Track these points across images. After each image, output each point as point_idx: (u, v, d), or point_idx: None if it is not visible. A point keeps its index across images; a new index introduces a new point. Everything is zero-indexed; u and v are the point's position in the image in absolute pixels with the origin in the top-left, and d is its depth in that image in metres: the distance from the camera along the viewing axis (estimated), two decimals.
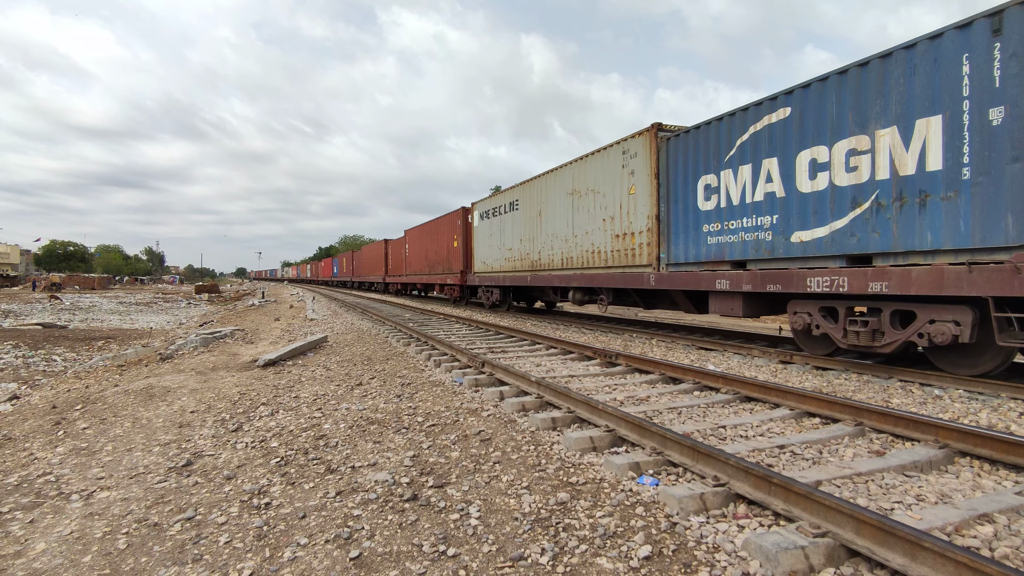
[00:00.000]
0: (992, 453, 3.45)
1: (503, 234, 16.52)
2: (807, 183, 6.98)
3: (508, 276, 16.06)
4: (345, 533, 2.74)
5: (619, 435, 3.94)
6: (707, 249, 8.65)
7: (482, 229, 18.36)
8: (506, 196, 16.45)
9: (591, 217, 11.66)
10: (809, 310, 7.14)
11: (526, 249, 14.90)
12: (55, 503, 3.24)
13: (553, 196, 13.33)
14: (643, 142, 10.03)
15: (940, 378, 5.82)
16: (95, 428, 4.83)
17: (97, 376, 8.22)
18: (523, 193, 15.16)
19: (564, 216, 12.81)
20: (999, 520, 2.63)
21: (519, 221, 15.38)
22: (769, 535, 2.42)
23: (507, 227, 16.21)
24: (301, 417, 4.92)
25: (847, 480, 3.18)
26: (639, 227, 10.12)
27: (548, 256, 13.59)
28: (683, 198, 9.14)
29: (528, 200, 14.82)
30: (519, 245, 15.33)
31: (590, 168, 11.78)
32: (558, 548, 2.54)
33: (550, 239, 13.50)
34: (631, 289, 10.91)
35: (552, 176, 13.49)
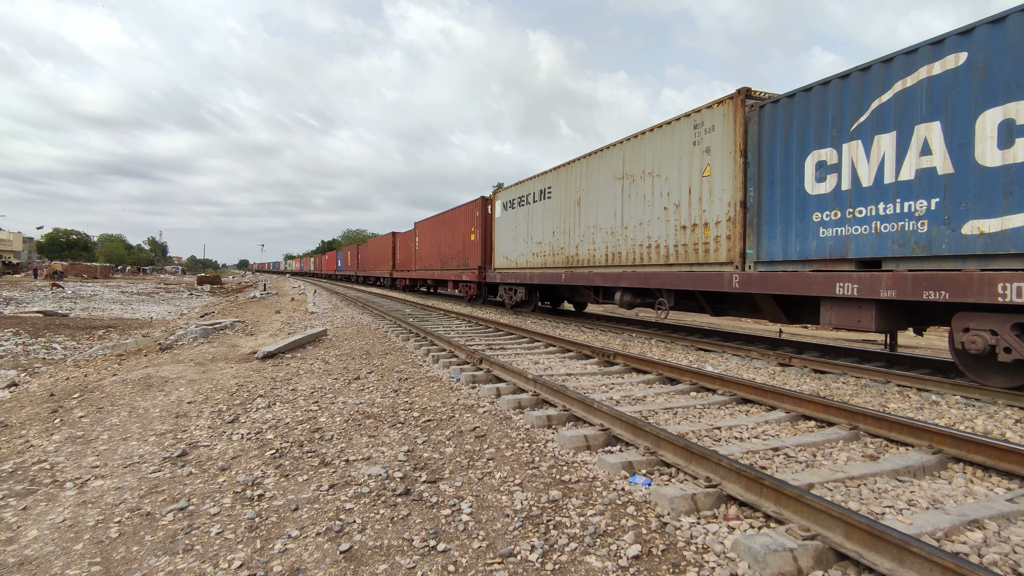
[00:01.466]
0: (985, 459, 3.44)
1: (531, 226, 14.78)
2: (994, 154, 5.26)
3: (537, 273, 14.25)
4: (336, 526, 2.74)
5: (613, 434, 3.94)
6: (819, 244, 6.92)
7: (505, 221, 16.62)
8: (536, 183, 14.66)
9: (647, 205, 9.98)
10: (993, 327, 5.37)
11: (560, 243, 13.19)
12: (49, 491, 3.25)
13: (596, 182, 11.64)
14: (724, 113, 8.33)
15: (938, 384, 5.81)
16: (92, 417, 4.84)
17: (96, 365, 8.25)
18: (557, 179, 13.43)
19: (610, 204, 11.09)
20: (989, 527, 2.63)
21: (551, 211, 13.64)
22: (758, 537, 2.42)
23: (536, 218, 14.48)
24: (298, 410, 4.93)
25: (839, 483, 3.18)
26: (715, 216, 8.43)
27: (588, 251, 11.92)
28: (782, 180, 7.41)
29: (563, 187, 13.11)
30: (551, 239, 13.59)
31: (648, 147, 10.01)
32: (548, 546, 2.55)
33: (591, 232, 11.82)
34: (700, 292, 9.20)
35: (596, 159, 11.71)
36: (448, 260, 21.72)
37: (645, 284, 10.00)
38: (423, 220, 26.15)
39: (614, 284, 10.93)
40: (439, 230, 23.21)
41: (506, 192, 16.81)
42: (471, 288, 19.99)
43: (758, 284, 7.69)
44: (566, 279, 12.71)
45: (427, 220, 25.50)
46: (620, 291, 11.16)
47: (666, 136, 9.65)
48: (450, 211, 21.94)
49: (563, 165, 13.19)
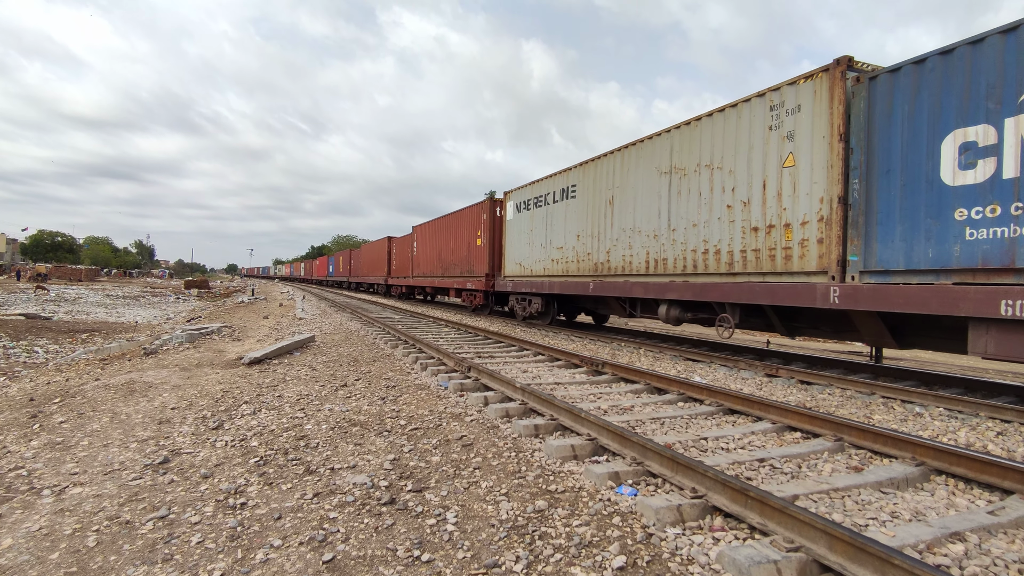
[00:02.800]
0: (967, 472, 3.48)
1: (550, 229, 13.33)
2: None
3: (557, 282, 12.81)
4: (320, 535, 2.71)
5: (600, 444, 3.94)
6: (965, 249, 5.46)
7: (518, 223, 15.13)
8: (556, 181, 13.20)
9: (703, 204, 8.61)
10: None
11: (586, 248, 11.77)
12: (25, 498, 3.18)
13: (634, 178, 10.25)
14: (815, 89, 6.95)
15: (922, 396, 5.87)
16: (72, 422, 4.76)
17: (78, 369, 8.12)
18: (583, 176, 12.01)
19: (652, 203, 9.74)
20: (970, 539, 2.65)
21: (576, 212, 12.23)
22: (743, 548, 2.43)
23: (557, 220, 13.05)
24: (283, 417, 4.88)
25: (824, 495, 3.19)
26: (801, 215, 7.03)
27: (623, 257, 10.50)
28: (905, 168, 6.01)
29: (591, 185, 11.69)
30: (575, 243, 12.18)
31: (705, 135, 8.65)
32: (533, 556, 2.53)
33: (627, 235, 10.40)
34: (776, 307, 7.80)
35: (633, 152, 10.35)
36: (450, 267, 20.42)
37: (700, 296, 8.51)
38: (422, 224, 24.92)
39: (658, 296, 9.46)
40: (440, 234, 21.83)
41: (520, 192, 15.24)
42: (476, 297, 18.36)
43: (868, 299, 6.20)
44: (594, 289, 11.25)
45: (427, 224, 24.22)
46: (666, 304, 9.60)
47: (729, 122, 8.19)
48: (453, 214, 20.55)
49: (591, 160, 11.75)
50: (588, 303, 13.56)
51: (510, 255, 15.64)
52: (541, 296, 14.16)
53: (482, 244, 17.30)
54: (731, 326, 8.36)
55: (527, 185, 14.80)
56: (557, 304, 14.18)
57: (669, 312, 9.62)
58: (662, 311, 9.73)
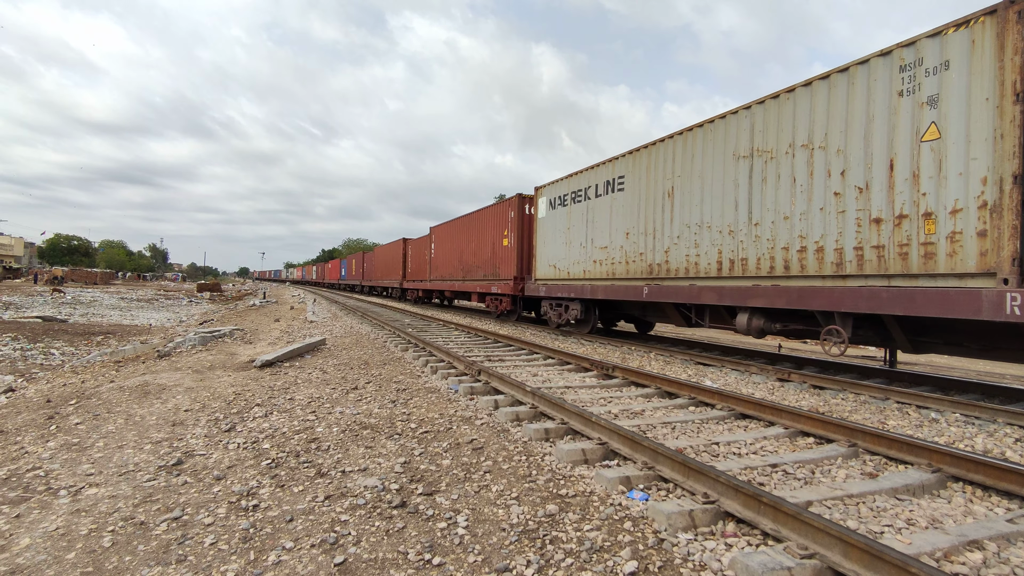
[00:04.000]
0: (985, 479, 3.42)
1: (591, 226, 12.10)
2: None
3: (601, 286, 11.54)
4: (331, 538, 2.72)
5: (611, 448, 3.92)
6: None
7: (552, 221, 13.88)
8: (599, 173, 11.94)
9: (798, 192, 7.27)
10: None
11: (637, 247, 10.52)
12: (42, 498, 3.23)
13: (701, 164, 8.97)
14: (972, 39, 5.60)
15: (937, 401, 5.79)
16: (88, 424, 4.83)
17: (94, 371, 8.23)
18: (634, 166, 10.74)
19: (727, 194, 8.41)
20: (989, 547, 2.61)
21: (623, 207, 10.99)
22: (756, 555, 2.41)
23: (600, 216, 11.80)
24: (295, 419, 4.91)
25: (838, 501, 3.16)
26: (952, 202, 5.65)
27: (686, 258, 9.20)
28: None
29: (643, 175, 10.45)
30: (624, 242, 10.92)
31: (803, 108, 7.29)
32: (544, 561, 2.53)
33: (691, 231, 9.14)
34: (902, 317, 6.49)
35: (699, 135, 9.07)
36: (472, 269, 19.25)
37: (798, 304, 7.10)
38: (441, 224, 23.75)
39: (737, 302, 8.06)
40: (462, 235, 20.65)
41: (554, 186, 13.94)
42: (502, 302, 17.04)
43: None
44: (649, 294, 9.90)
45: (447, 224, 22.93)
46: (747, 313, 8.16)
47: (837, 91, 6.85)
48: (476, 212, 19.40)
49: (643, 147, 10.55)
50: (636, 309, 12.08)
51: (543, 256, 14.35)
52: (580, 301, 12.74)
53: (509, 245, 16.17)
54: (843, 341, 6.73)
55: (563, 179, 13.46)
56: (598, 310, 12.78)
57: (751, 322, 8.12)
58: (742, 321, 8.22)
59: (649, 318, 12.03)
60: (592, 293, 11.86)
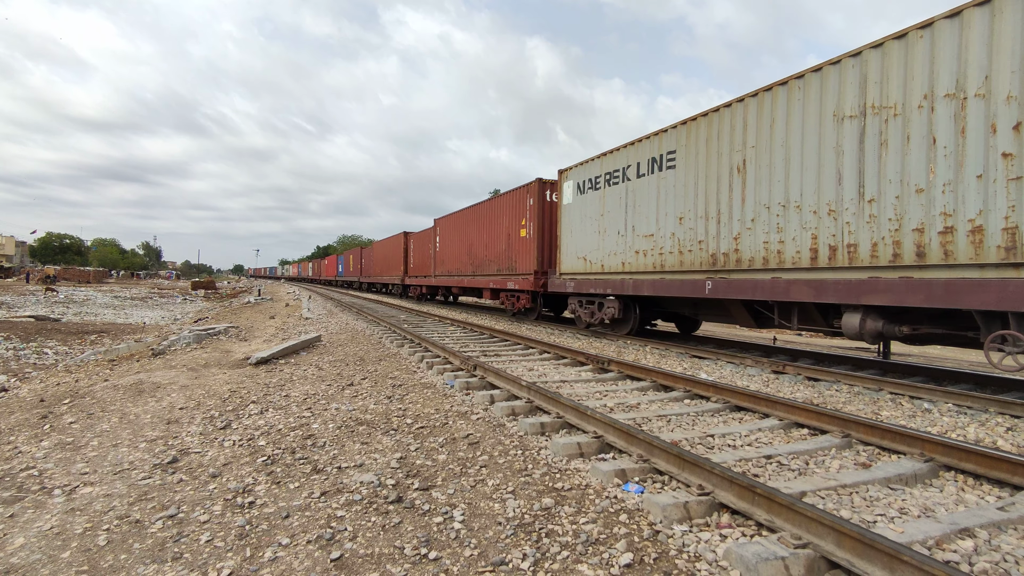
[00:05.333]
0: (976, 468, 3.46)
1: (633, 211, 10.62)
2: None
3: (647, 280, 10.06)
4: (328, 534, 2.73)
5: (607, 441, 3.94)
6: None
7: (581, 208, 12.41)
8: (640, 149, 10.43)
9: (939, 156, 5.76)
10: None
11: (695, 234, 9.04)
12: (37, 497, 3.22)
13: (784, 131, 7.49)
14: None
15: (930, 392, 5.83)
16: (82, 423, 4.80)
17: (87, 370, 8.19)
18: (688, 138, 9.22)
19: (824, 164, 6.93)
20: (980, 535, 2.63)
21: (675, 187, 9.51)
22: (751, 545, 2.42)
23: (643, 199, 10.35)
24: (290, 416, 4.90)
25: (832, 492, 3.18)
26: None
27: (764, 245, 7.74)
28: None
29: (701, 148, 8.92)
30: (677, 228, 9.46)
31: (946, 47, 5.74)
32: (540, 554, 2.54)
33: (771, 212, 7.65)
34: None
35: (780, 94, 7.56)
36: (484, 263, 17.82)
37: (947, 302, 5.66)
38: (447, 216, 22.15)
39: (844, 300, 6.57)
40: (471, 227, 19.14)
41: (582, 168, 12.40)
42: (520, 299, 15.52)
43: None
44: (714, 290, 8.44)
45: (454, 215, 21.35)
46: (859, 313, 6.66)
47: (1002, 18, 5.30)
48: (488, 201, 17.93)
49: (699, 116, 9.01)
50: (687, 307, 10.63)
51: (570, 248, 12.87)
52: (619, 298, 11.26)
53: (528, 236, 14.74)
54: (1017, 350, 5.35)
55: (594, 158, 11.96)
56: (639, 308, 11.29)
57: (865, 324, 6.60)
58: (851, 323, 6.73)
59: (704, 317, 10.57)
60: (635, 289, 10.40)
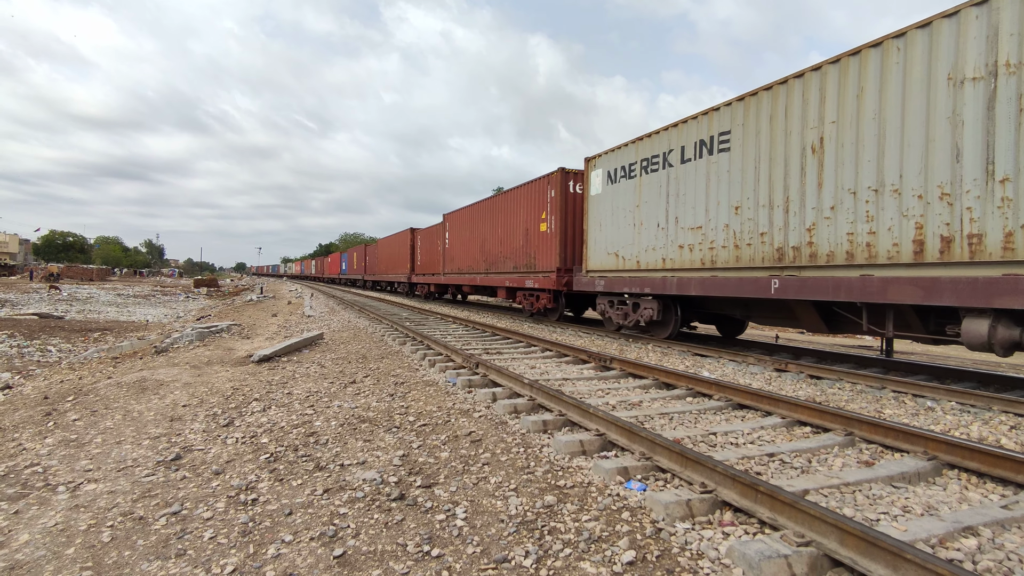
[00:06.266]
0: (980, 466, 3.45)
1: (676, 201, 9.51)
2: None
3: (694, 279, 8.98)
4: (330, 531, 2.73)
5: (609, 439, 3.94)
6: None
7: (611, 198, 11.38)
8: (683, 132, 9.33)
9: None
10: None
11: (756, 225, 7.94)
12: (41, 494, 3.23)
13: (876, 100, 6.34)
14: None
15: (933, 390, 5.82)
16: (86, 420, 4.82)
17: (91, 368, 8.21)
18: (744, 117, 8.15)
19: (934, 138, 5.85)
20: (984, 533, 2.63)
21: (729, 172, 8.41)
22: (753, 543, 2.42)
23: (688, 187, 9.23)
24: (293, 414, 4.91)
25: (834, 490, 3.18)
26: None
27: (848, 237, 6.65)
28: None
29: (763, 127, 7.86)
30: (732, 219, 8.36)
31: None
32: (542, 551, 2.54)
33: (862, 199, 6.50)
34: None
35: (873, 57, 6.40)
36: (499, 260, 16.79)
37: None
38: (457, 211, 21.18)
39: (967, 303, 5.52)
40: (484, 221, 18.10)
41: (614, 155, 11.33)
42: (540, 299, 14.41)
43: None
44: (783, 289, 7.39)
45: (465, 209, 20.30)
46: (988, 318, 5.52)
47: None
48: (503, 194, 16.92)
49: (760, 90, 7.91)
50: (738, 308, 9.40)
51: (599, 242, 11.83)
52: (657, 298, 10.19)
53: (549, 230, 13.71)
54: None
55: (628, 143, 10.90)
56: (680, 309, 10.23)
57: (996, 332, 5.46)
58: (976, 330, 5.57)
59: (757, 319, 9.39)
60: (679, 288, 9.28)
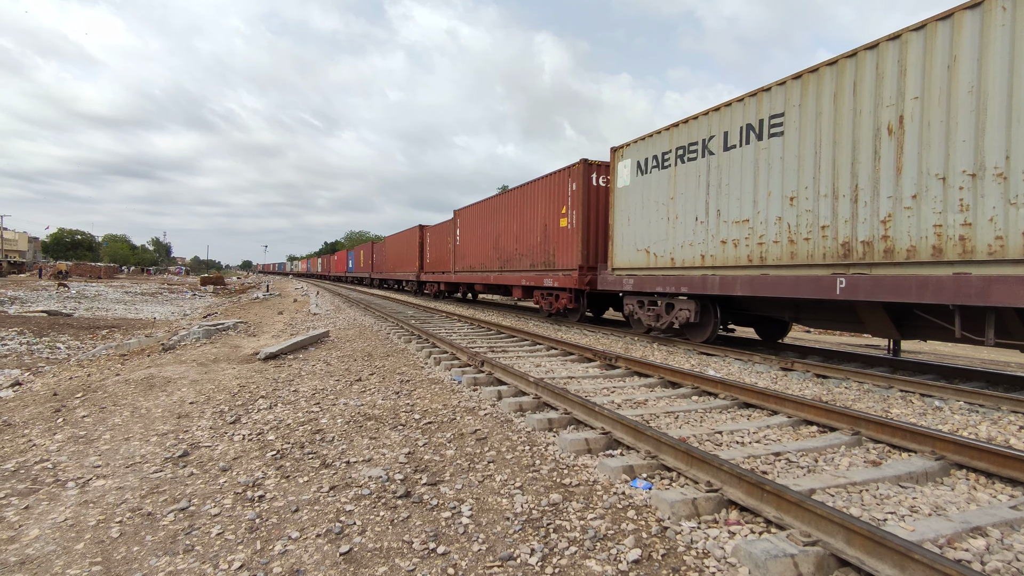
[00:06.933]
0: (989, 466, 3.42)
1: (718, 192, 8.67)
2: None
3: (741, 277, 8.13)
4: (337, 528, 2.75)
5: (614, 438, 3.94)
6: None
7: (641, 191, 10.59)
8: (729, 116, 8.48)
9: None
10: None
11: (817, 216, 7.04)
12: (51, 490, 3.26)
13: (970, 74, 5.52)
14: None
15: (941, 389, 5.78)
16: (94, 416, 4.86)
17: (99, 365, 8.28)
18: (802, 96, 7.24)
19: None
20: (992, 534, 2.61)
21: (782, 159, 7.56)
22: (759, 542, 2.42)
23: (734, 176, 8.37)
24: (299, 411, 4.93)
25: (841, 489, 3.17)
26: None
27: (935, 230, 5.80)
28: None
29: (825, 107, 6.94)
30: (786, 211, 7.48)
31: None
32: (548, 549, 2.54)
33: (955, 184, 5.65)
34: None
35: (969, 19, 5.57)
36: (514, 258, 16.09)
37: None
38: (469, 206, 20.38)
39: None
40: (498, 217, 17.32)
41: (645, 144, 10.52)
42: (559, 298, 13.62)
43: None
44: (850, 289, 6.48)
45: (478, 205, 19.56)
46: None
47: None
48: (519, 188, 16.02)
49: (822, 65, 7.01)
50: (787, 310, 8.47)
51: (627, 238, 11.05)
52: (695, 298, 9.40)
53: (570, 226, 13.05)
54: None
55: (659, 131, 10.12)
56: (719, 310, 9.39)
57: None
58: None
59: (809, 321, 8.38)
60: (721, 287, 8.45)
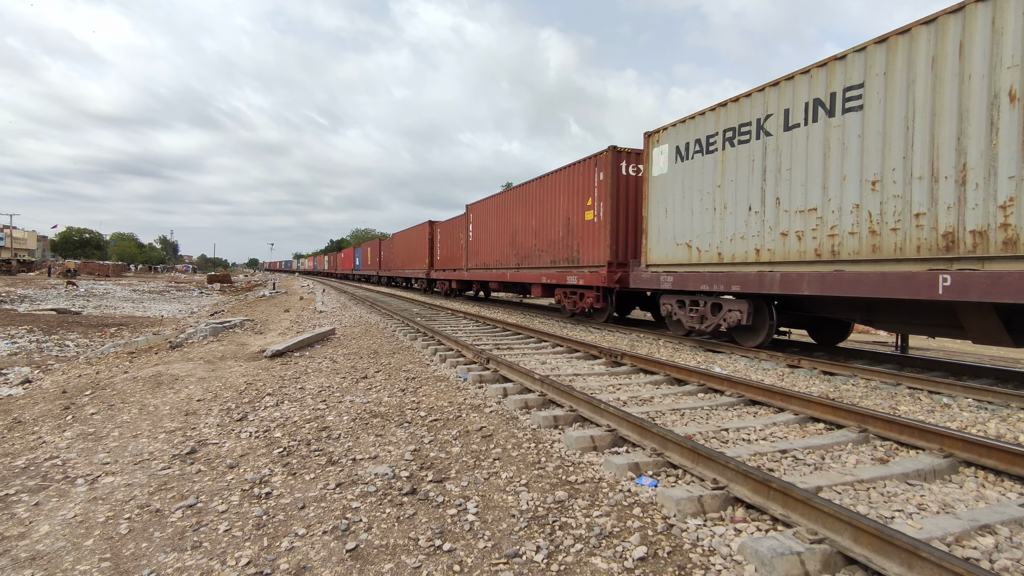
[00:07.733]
0: (998, 464, 3.40)
1: (776, 177, 7.66)
2: None
3: (807, 274, 7.09)
4: (343, 525, 2.76)
5: (620, 435, 3.93)
6: None
7: (681, 178, 9.59)
8: (791, 91, 7.42)
9: None
10: None
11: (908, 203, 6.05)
12: (60, 487, 3.29)
13: None
14: None
15: (949, 386, 5.74)
16: (103, 414, 4.90)
17: (107, 362, 8.34)
18: (888, 63, 6.22)
19: None
20: (1001, 532, 2.59)
21: (860, 138, 6.53)
22: (766, 540, 2.41)
23: (796, 160, 7.35)
24: (305, 408, 4.96)
25: (848, 487, 3.15)
26: None
27: None
28: None
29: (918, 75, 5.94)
30: (865, 198, 6.50)
31: None
32: (553, 546, 2.54)
33: None
34: None
35: None
36: (533, 254, 15.06)
37: None
38: (482, 200, 19.23)
39: None
40: (515, 211, 16.31)
41: (685, 127, 9.51)
42: (584, 298, 12.56)
43: None
44: (958, 288, 5.49)
45: (492, 198, 18.40)
46: None
47: None
48: (538, 179, 14.92)
49: (915, 24, 5.98)
50: (858, 311, 7.54)
51: (664, 231, 10.03)
52: (746, 298, 8.40)
53: (596, 219, 12.09)
54: None
55: (703, 112, 9.09)
56: (774, 311, 8.39)
57: None
58: None
59: (888, 323, 7.45)
60: (783, 285, 7.39)
